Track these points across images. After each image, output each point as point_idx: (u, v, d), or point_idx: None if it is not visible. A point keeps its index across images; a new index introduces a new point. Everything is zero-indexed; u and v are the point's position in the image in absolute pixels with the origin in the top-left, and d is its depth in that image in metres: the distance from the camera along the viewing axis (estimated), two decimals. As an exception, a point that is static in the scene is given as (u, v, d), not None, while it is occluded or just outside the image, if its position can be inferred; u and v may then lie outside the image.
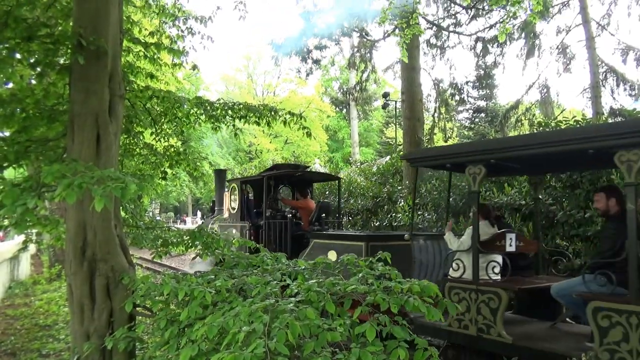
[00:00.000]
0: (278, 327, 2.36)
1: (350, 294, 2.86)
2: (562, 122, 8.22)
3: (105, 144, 4.24)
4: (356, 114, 33.00)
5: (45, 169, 3.19)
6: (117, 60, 4.62)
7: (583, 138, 4.05)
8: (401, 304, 2.61)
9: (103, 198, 2.81)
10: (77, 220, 4.19)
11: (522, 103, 18.42)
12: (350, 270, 3.26)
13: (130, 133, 6.14)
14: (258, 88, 39.41)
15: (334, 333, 2.45)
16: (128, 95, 5.47)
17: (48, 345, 6.65)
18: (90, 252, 4.17)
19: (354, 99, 21.64)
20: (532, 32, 16.56)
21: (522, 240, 5.40)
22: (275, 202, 9.69)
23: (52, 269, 13.10)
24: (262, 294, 3.03)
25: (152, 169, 6.67)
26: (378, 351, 2.36)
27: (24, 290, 11.29)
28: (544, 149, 4.31)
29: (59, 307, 9.09)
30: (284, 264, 3.89)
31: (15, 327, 7.86)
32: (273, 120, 6.32)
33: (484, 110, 29.76)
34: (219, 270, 4.07)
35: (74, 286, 4.21)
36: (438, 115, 17.89)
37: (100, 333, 4.06)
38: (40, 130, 5.10)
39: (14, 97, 4.72)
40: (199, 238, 5.18)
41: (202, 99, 6.13)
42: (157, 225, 5.76)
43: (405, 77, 12.79)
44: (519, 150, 4.53)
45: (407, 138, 12.50)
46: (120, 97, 4.56)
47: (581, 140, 4.03)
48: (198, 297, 3.12)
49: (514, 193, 8.12)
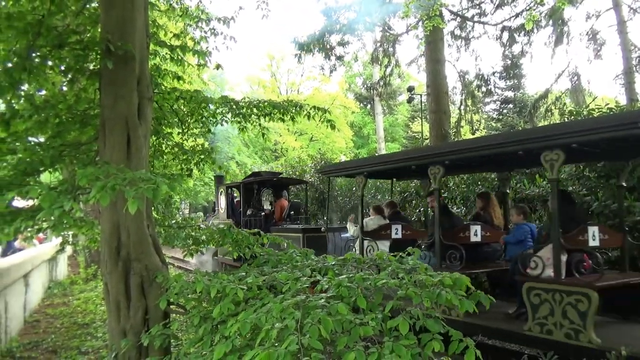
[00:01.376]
0: (310, 322, 2.37)
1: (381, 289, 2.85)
2: (595, 110, 7.96)
3: (136, 146, 4.33)
4: (381, 109, 32.74)
5: (79, 172, 3.28)
6: (145, 63, 4.71)
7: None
8: (434, 299, 2.58)
9: (136, 200, 2.87)
10: (112, 222, 4.30)
11: (552, 92, 17.90)
12: (380, 265, 3.25)
13: (159, 135, 6.25)
14: (282, 87, 39.52)
15: (366, 327, 2.44)
16: (156, 97, 5.57)
17: (87, 343, 6.85)
18: (125, 252, 4.27)
19: (378, 94, 21.44)
20: (560, 18, 16.06)
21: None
22: (258, 202, 11.87)
23: (88, 269, 13.49)
24: (293, 290, 3.05)
25: (179, 167, 6.78)
26: (412, 344, 2.33)
27: (62, 290, 11.65)
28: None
29: (96, 306, 9.35)
30: (314, 260, 3.90)
31: (55, 325, 8.13)
32: (297, 115, 6.33)
33: (512, 101, 29.11)
34: (250, 267, 4.12)
35: (110, 285, 4.33)
36: (464, 108, 17.58)
37: (136, 330, 4.16)
38: (73, 134, 5.25)
39: (48, 103, 4.86)
40: (229, 236, 5.25)
41: (228, 98, 6.19)
42: (187, 224, 5.85)
43: (430, 70, 12.63)
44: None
45: (434, 132, 12.36)
46: (148, 100, 4.65)
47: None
48: (230, 294, 3.16)
49: (546, 184, 7.92)
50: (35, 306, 9.54)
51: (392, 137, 37.93)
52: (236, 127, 6.59)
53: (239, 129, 6.63)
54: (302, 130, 33.23)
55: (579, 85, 17.32)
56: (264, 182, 11.88)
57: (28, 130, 4.81)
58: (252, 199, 11.49)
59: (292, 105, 6.33)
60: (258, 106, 6.21)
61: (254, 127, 6.65)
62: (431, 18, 11.10)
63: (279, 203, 11.56)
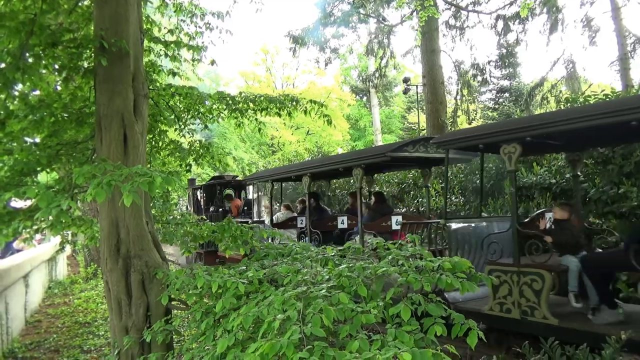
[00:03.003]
0: (312, 312, 2.38)
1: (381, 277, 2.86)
2: (591, 97, 7.97)
3: (133, 143, 4.32)
4: (377, 101, 32.69)
5: (76, 170, 3.27)
6: (140, 60, 4.69)
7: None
8: (434, 282, 2.59)
9: (131, 194, 2.86)
10: (110, 219, 4.30)
11: (548, 80, 17.89)
12: (379, 254, 3.26)
13: (155, 132, 6.23)
14: (277, 81, 39.34)
15: (368, 315, 2.45)
16: (151, 94, 5.55)
17: (89, 342, 6.86)
18: (125, 249, 4.27)
19: (374, 86, 21.44)
20: (554, 6, 16.03)
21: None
22: (220, 201, 13.53)
23: (88, 268, 13.47)
24: (294, 282, 3.06)
25: (177, 164, 6.77)
26: (414, 330, 2.35)
27: (63, 290, 11.65)
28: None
29: (97, 305, 9.36)
30: (313, 252, 3.91)
31: (56, 325, 8.14)
32: (294, 109, 6.32)
33: (508, 89, 29.03)
34: (250, 261, 4.13)
35: (111, 283, 4.33)
36: (460, 98, 17.57)
37: (138, 327, 4.18)
38: (69, 133, 5.23)
39: (43, 102, 4.84)
40: (227, 231, 5.26)
41: (224, 94, 6.16)
42: (186, 220, 5.85)
43: (426, 61, 12.62)
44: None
45: (430, 122, 12.36)
46: (144, 97, 4.63)
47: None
48: (231, 288, 3.17)
49: (544, 172, 7.94)
50: (36, 306, 9.55)
51: (388, 129, 37.88)
52: (232, 123, 6.58)
53: (236, 125, 6.62)
54: (298, 124, 33.12)
55: (575, 73, 17.30)
56: (223, 183, 13.94)
57: (24, 130, 4.79)
58: (214, 197, 13.63)
59: (288, 100, 6.32)
60: (254, 101, 6.20)
61: (251, 122, 6.65)
62: (426, 8, 11.07)
63: (234, 202, 13.69)
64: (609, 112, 3.92)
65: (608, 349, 3.06)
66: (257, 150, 33.28)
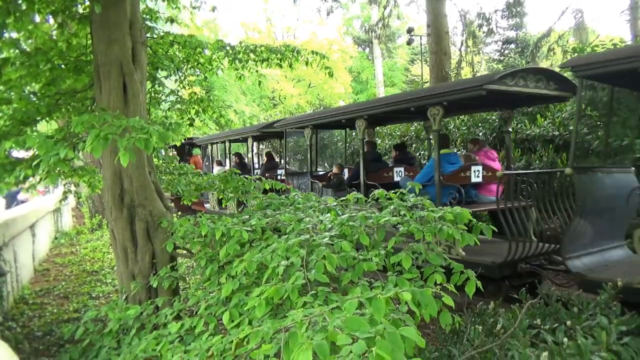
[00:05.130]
0: (315, 259, 2.42)
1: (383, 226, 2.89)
2: (599, 46, 7.77)
3: (132, 92, 4.27)
4: (380, 53, 31.99)
5: (74, 119, 3.23)
6: (136, 5, 4.55)
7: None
8: (435, 232, 2.62)
9: (127, 152, 2.82)
10: (113, 169, 4.31)
11: (555, 31, 17.43)
12: (382, 204, 3.28)
13: (156, 81, 6.14)
14: (277, 32, 38.41)
15: (369, 263, 2.50)
16: (149, 42, 5.42)
17: (97, 289, 7.05)
18: (129, 198, 4.31)
19: (377, 36, 20.90)
20: (566, -49, 15.37)
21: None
22: (187, 161, 14.77)
23: (93, 220, 13.65)
24: (297, 230, 3.10)
25: (179, 117, 6.71)
26: (415, 277, 2.40)
27: (69, 240, 11.85)
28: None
29: (104, 254, 9.55)
30: (315, 202, 3.94)
31: (64, 273, 8.34)
32: (295, 60, 6.19)
33: (514, 40, 28.32)
34: (253, 210, 4.17)
35: (116, 232, 4.40)
36: (465, 49, 17.18)
37: (144, 273, 4.28)
38: (68, 82, 5.16)
39: (39, 50, 4.75)
40: (230, 183, 5.28)
41: (224, 43, 6.02)
42: (189, 170, 5.87)
43: (430, 9, 12.22)
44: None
45: (434, 74, 12.13)
46: (142, 44, 4.53)
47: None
48: (235, 235, 3.21)
49: (547, 124, 7.87)
50: (44, 256, 9.74)
51: (391, 82, 37.29)
52: (233, 75, 6.46)
53: (236, 77, 6.50)
54: (300, 76, 32.59)
55: (583, 23, 16.82)
56: (191, 144, 16.17)
57: (22, 79, 4.73)
58: (183, 155, 15.73)
59: (289, 51, 6.17)
60: (255, 51, 6.06)
61: (251, 74, 6.53)
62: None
63: (193, 158, 15.57)
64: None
65: (603, 294, 3.13)
66: (258, 104, 32.91)
